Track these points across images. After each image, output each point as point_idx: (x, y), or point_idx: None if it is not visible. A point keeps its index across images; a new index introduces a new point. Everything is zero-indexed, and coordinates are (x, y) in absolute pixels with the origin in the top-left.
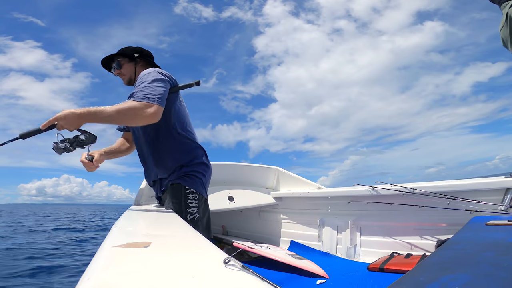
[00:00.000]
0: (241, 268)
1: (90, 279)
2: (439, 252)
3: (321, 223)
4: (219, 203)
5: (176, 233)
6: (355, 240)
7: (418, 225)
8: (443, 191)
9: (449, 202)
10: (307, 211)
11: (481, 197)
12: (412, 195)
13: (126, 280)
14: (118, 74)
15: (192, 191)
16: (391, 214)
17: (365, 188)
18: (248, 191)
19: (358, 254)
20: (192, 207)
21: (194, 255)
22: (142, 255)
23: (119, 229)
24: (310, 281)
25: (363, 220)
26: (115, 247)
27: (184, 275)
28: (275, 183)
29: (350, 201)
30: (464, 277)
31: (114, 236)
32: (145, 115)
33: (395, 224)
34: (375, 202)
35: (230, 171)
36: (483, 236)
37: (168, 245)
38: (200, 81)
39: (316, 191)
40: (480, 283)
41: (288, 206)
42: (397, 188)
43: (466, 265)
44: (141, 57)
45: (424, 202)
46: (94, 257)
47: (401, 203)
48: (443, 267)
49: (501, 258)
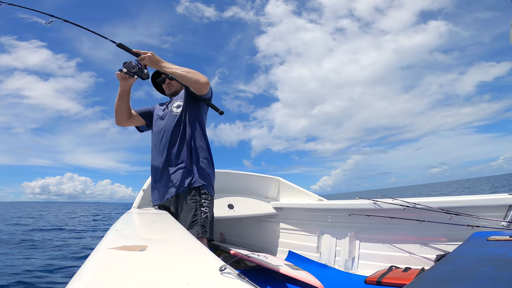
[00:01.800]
0: (237, 277)
1: (82, 279)
2: (438, 266)
3: (320, 234)
4: (219, 211)
5: (173, 238)
6: (354, 252)
7: (418, 239)
8: (445, 206)
9: (450, 217)
10: (307, 222)
11: (483, 213)
12: (414, 209)
13: (119, 282)
14: (169, 84)
15: (205, 192)
16: (391, 228)
17: (367, 201)
18: (248, 199)
19: (356, 267)
20: (206, 206)
21: (189, 261)
22: (137, 259)
23: (116, 231)
24: None
25: (362, 233)
26: (111, 249)
27: (179, 281)
28: (275, 193)
29: (351, 214)
30: None
31: (111, 238)
32: (201, 81)
33: (395, 237)
34: (376, 216)
35: (231, 179)
36: (483, 251)
37: (164, 249)
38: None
39: (317, 203)
40: None
41: (287, 216)
42: (399, 203)
43: (464, 279)
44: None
45: (425, 217)
46: (88, 258)
47: (402, 217)
48: (442, 281)
49: (501, 273)
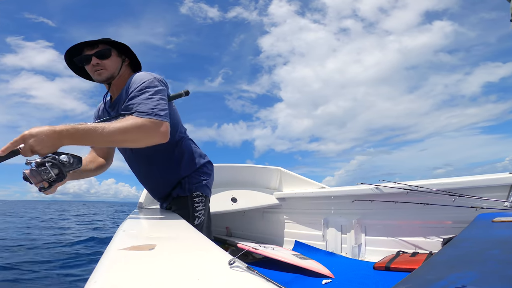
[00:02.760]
0: (246, 269)
1: (97, 282)
2: (445, 250)
3: (325, 223)
4: (223, 205)
5: (180, 235)
6: (360, 239)
7: (424, 223)
8: (448, 188)
9: (454, 200)
10: (311, 211)
11: (486, 193)
12: (417, 192)
13: (132, 282)
14: (97, 65)
15: (198, 194)
16: (395, 212)
17: (369, 186)
18: (251, 192)
19: (363, 253)
20: (199, 211)
21: (198, 257)
22: (147, 258)
23: (123, 232)
24: (316, 281)
25: (367, 219)
26: (121, 250)
27: (189, 277)
28: (278, 184)
29: (354, 200)
30: (471, 275)
31: (119, 239)
32: (157, 135)
33: (400, 222)
34: (379, 201)
35: (233, 173)
36: (489, 233)
37: (172, 247)
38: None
39: (320, 191)
40: (488, 280)
41: (291, 206)
42: (401, 186)
43: (473, 263)
44: (129, 56)
45: (429, 200)
46: (100, 260)
47: (406, 201)
48: (450, 265)
49: (509, 256)
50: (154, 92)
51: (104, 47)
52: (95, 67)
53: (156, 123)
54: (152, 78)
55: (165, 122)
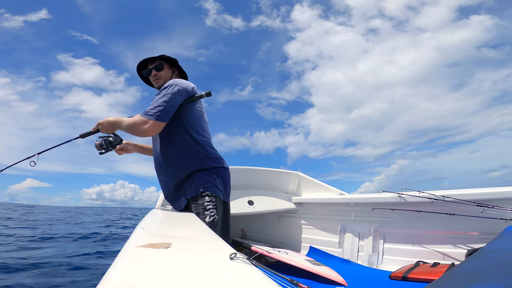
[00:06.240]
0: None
1: (112, 277)
2: (469, 261)
3: (342, 230)
4: (239, 207)
5: (196, 235)
6: (378, 247)
7: (448, 234)
8: (476, 199)
9: (482, 210)
10: (328, 217)
11: None
12: (443, 202)
13: (146, 279)
14: (155, 75)
15: (208, 193)
16: (418, 222)
17: (391, 195)
18: (268, 195)
19: (381, 262)
20: (210, 209)
21: (212, 258)
22: (162, 256)
23: (142, 229)
24: None
25: (387, 228)
26: (138, 247)
27: (202, 277)
28: (295, 188)
29: (374, 208)
30: (494, 287)
31: (137, 236)
32: (140, 130)
33: (422, 232)
34: (401, 210)
35: (250, 176)
36: None
37: (188, 246)
38: (211, 92)
39: (338, 197)
40: None
41: (308, 211)
42: (426, 196)
43: (498, 275)
44: (177, 67)
45: (455, 210)
46: (118, 256)
47: (430, 211)
48: (473, 276)
49: None
50: (162, 95)
51: (159, 62)
52: (153, 77)
53: (144, 120)
54: (172, 83)
55: (151, 121)
